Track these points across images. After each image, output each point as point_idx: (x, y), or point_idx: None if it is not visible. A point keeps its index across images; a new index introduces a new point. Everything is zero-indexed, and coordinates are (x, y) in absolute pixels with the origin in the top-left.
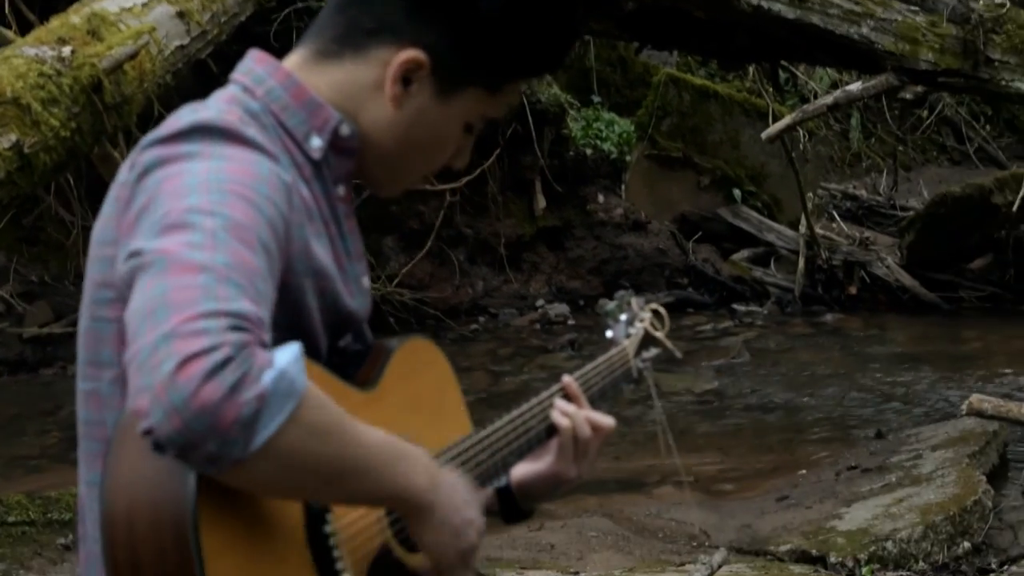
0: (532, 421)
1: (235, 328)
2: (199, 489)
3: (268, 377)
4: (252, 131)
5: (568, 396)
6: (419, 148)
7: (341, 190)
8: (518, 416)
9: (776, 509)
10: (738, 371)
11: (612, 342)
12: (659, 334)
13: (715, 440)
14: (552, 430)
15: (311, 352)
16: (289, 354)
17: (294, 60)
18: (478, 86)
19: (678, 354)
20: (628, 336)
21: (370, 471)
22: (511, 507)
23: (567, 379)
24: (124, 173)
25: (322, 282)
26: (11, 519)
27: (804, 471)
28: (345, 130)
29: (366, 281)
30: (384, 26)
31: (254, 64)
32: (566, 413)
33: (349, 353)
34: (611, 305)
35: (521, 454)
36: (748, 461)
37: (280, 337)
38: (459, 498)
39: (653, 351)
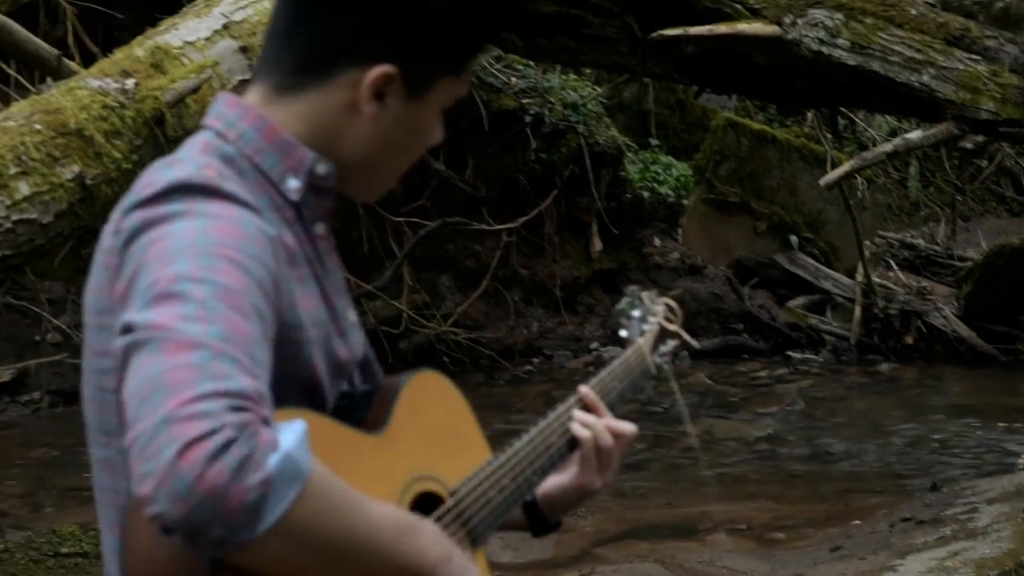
0: (552, 437)
1: (235, 408)
2: (214, 563)
3: (273, 461)
4: (232, 185)
5: (587, 407)
6: (401, 149)
7: (320, 228)
8: (538, 434)
9: (829, 559)
10: (792, 419)
11: (627, 341)
12: (674, 326)
13: (768, 488)
14: (574, 443)
15: (316, 402)
16: (294, 434)
17: (254, 98)
18: (447, 75)
19: (695, 344)
20: (643, 333)
21: (377, 550)
22: (538, 520)
23: (583, 389)
24: (108, 239)
25: (312, 331)
26: (64, 550)
27: (858, 521)
28: (321, 169)
29: (352, 315)
30: (342, 49)
31: (225, 108)
32: (586, 424)
33: (358, 395)
34: (622, 303)
35: (544, 472)
36: (801, 510)
37: (284, 392)
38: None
39: (670, 344)
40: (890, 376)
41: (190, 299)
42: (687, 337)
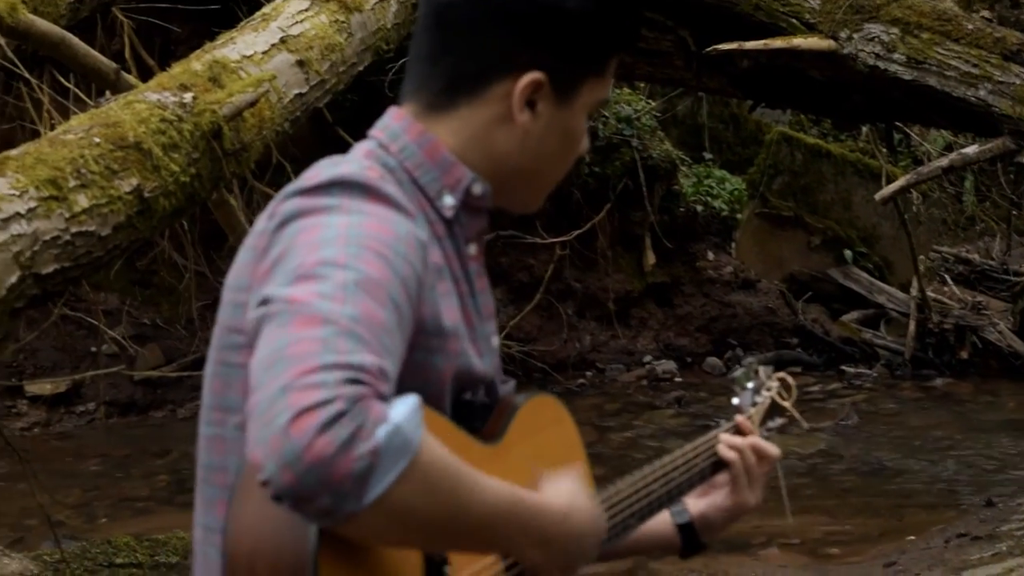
0: (698, 459)
1: (351, 381)
2: (321, 537)
3: (382, 432)
4: (391, 188)
5: (737, 430)
6: (556, 156)
7: (472, 249)
8: (682, 455)
9: (883, 575)
10: (846, 434)
11: (739, 409)
12: (786, 403)
13: (822, 503)
14: (717, 466)
15: (435, 409)
16: (406, 407)
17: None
18: (590, 76)
19: (804, 424)
20: (755, 404)
21: (486, 527)
22: (692, 541)
23: (739, 418)
24: (263, 222)
25: (452, 342)
26: (119, 560)
27: (913, 537)
28: (477, 189)
29: (495, 340)
30: (489, 64)
31: (391, 120)
32: (734, 446)
33: (476, 406)
34: (738, 373)
35: (683, 491)
36: (855, 525)
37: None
38: (574, 547)
39: (779, 421)
40: (944, 391)
41: (330, 280)
42: (797, 415)
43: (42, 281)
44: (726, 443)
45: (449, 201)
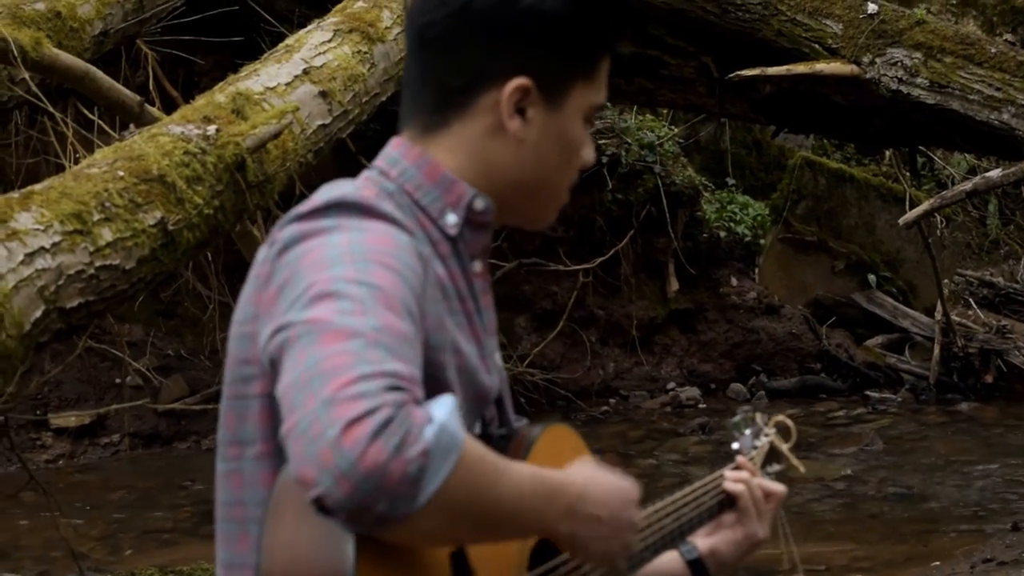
0: (704, 497)
1: (392, 388)
2: (357, 554)
3: (430, 432)
4: (388, 206)
5: (738, 468)
6: (555, 164)
7: (477, 266)
8: (690, 492)
9: None
10: (871, 459)
11: (738, 453)
12: (784, 448)
13: (847, 528)
14: (724, 504)
15: None
16: (446, 407)
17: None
18: (579, 79)
19: (802, 468)
20: (754, 448)
21: (522, 513)
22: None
23: (740, 459)
24: (264, 251)
25: (458, 358)
26: None
27: (938, 563)
28: (479, 204)
29: (498, 357)
30: (474, 76)
31: (390, 149)
32: (740, 479)
33: (494, 437)
34: (736, 419)
35: (692, 527)
36: (880, 551)
37: None
38: (605, 512)
39: (777, 466)
40: (970, 415)
41: (347, 297)
42: (795, 461)
43: (66, 315)
44: (732, 478)
45: (452, 219)
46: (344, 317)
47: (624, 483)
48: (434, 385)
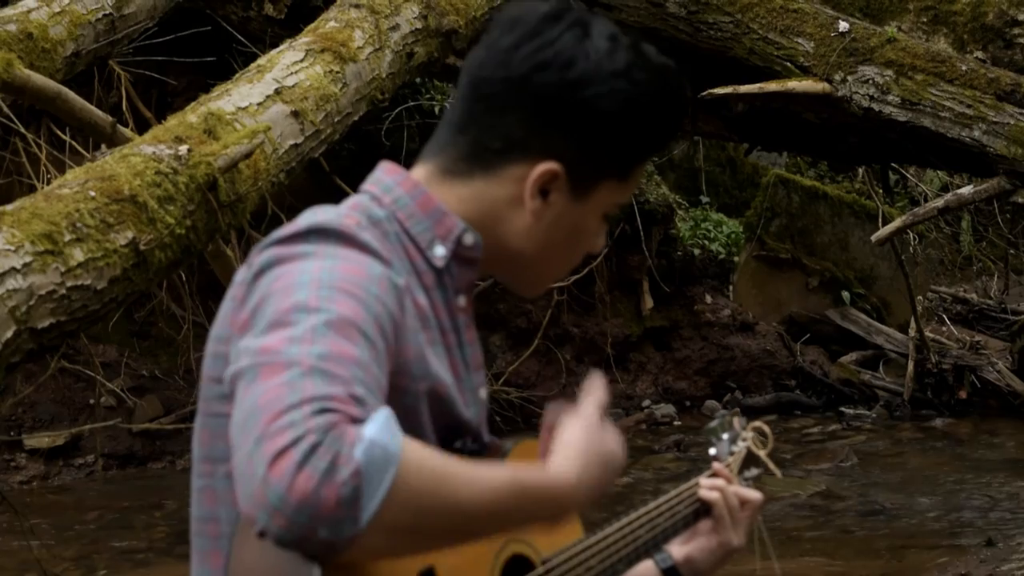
0: (680, 506)
1: (320, 412)
2: (321, 572)
3: (359, 450)
4: (367, 235)
5: (715, 475)
6: (562, 248)
7: (462, 300)
8: (665, 501)
9: None
10: (846, 475)
11: (716, 459)
12: (761, 453)
13: (821, 545)
14: (699, 512)
15: None
16: (377, 422)
17: (419, 175)
18: (611, 178)
19: (778, 473)
20: (731, 454)
21: (493, 514)
22: None
23: (716, 465)
24: (242, 272)
25: (437, 387)
26: None
27: None
28: (469, 239)
29: (483, 392)
30: (512, 144)
31: (383, 174)
32: (714, 487)
33: (466, 453)
34: (713, 424)
35: (668, 536)
36: (855, 567)
37: None
38: (601, 472)
39: (755, 471)
40: (944, 431)
41: (300, 324)
42: (772, 466)
43: (38, 335)
44: (707, 485)
45: (440, 251)
46: (290, 346)
47: (615, 445)
48: (410, 414)
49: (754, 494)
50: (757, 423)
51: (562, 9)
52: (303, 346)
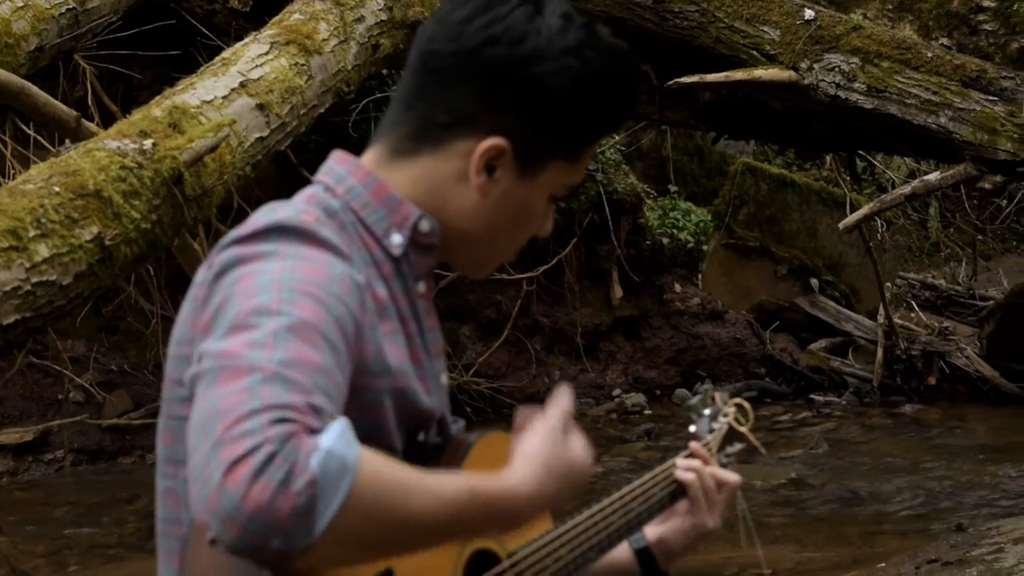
0: (655, 488)
1: (278, 421)
2: None
3: (315, 461)
4: (327, 232)
5: (693, 457)
6: (508, 228)
7: (421, 287)
8: (640, 485)
9: None
10: (816, 462)
11: (696, 436)
12: (743, 429)
13: (793, 532)
14: (676, 494)
15: (387, 450)
16: (333, 431)
17: (370, 159)
18: (559, 158)
19: (762, 449)
20: (711, 431)
21: (447, 523)
22: (651, 568)
23: (693, 444)
24: (202, 273)
25: (398, 381)
26: None
27: (883, 564)
28: (425, 226)
29: (444, 378)
30: (459, 118)
31: (335, 164)
32: (690, 468)
33: (428, 447)
34: (694, 400)
35: (644, 519)
36: (826, 553)
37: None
38: (568, 488)
39: (737, 446)
40: (913, 417)
41: (261, 328)
42: (755, 441)
43: (4, 332)
44: (683, 466)
45: (397, 239)
46: (252, 350)
47: (580, 457)
48: (370, 410)
49: (731, 476)
50: (738, 399)
51: None
52: (264, 351)
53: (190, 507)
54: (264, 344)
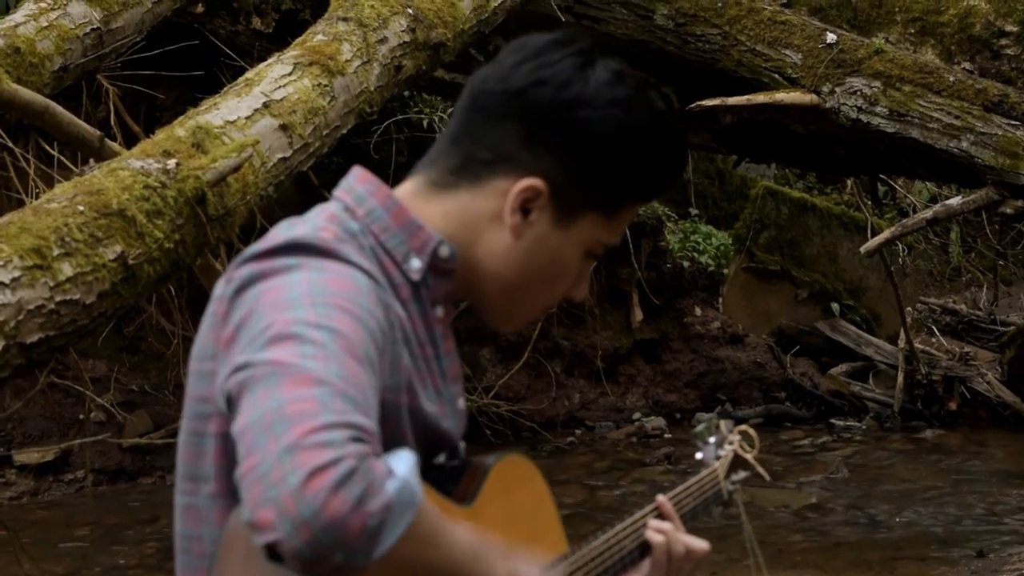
0: (626, 541)
1: (356, 440)
2: None
3: (392, 487)
4: (347, 248)
5: (662, 516)
6: (539, 277)
7: (439, 311)
8: (612, 536)
9: None
10: (836, 487)
11: (702, 463)
12: (748, 456)
13: (813, 557)
14: (645, 549)
15: None
16: (407, 463)
17: (408, 188)
18: (596, 211)
19: (767, 476)
20: (718, 458)
21: (461, 571)
22: None
23: (661, 498)
24: (220, 288)
25: (413, 400)
26: None
27: None
28: (444, 251)
29: (462, 403)
30: (500, 157)
31: (356, 183)
32: (660, 530)
33: (447, 469)
34: (700, 427)
35: (615, 574)
36: None
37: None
38: None
39: (743, 474)
40: (934, 442)
41: (309, 341)
42: (760, 469)
43: (27, 350)
44: (654, 527)
45: (416, 264)
46: (307, 361)
47: None
48: (390, 427)
49: (700, 544)
50: (743, 426)
51: (572, 38)
52: (318, 363)
53: (225, 513)
54: (316, 356)
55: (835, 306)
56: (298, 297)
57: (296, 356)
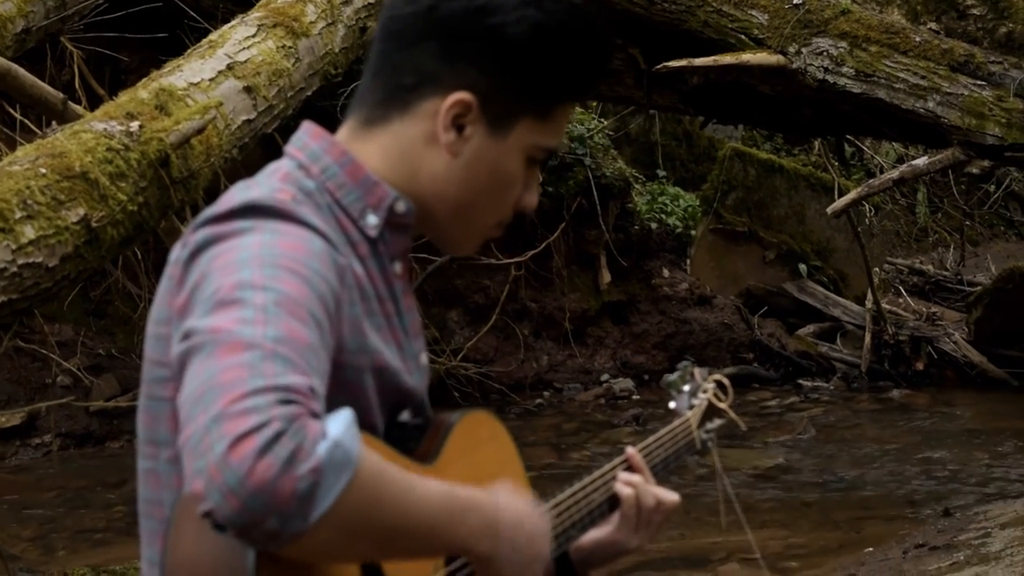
0: (595, 494)
1: (284, 402)
2: (258, 566)
3: (322, 448)
4: (304, 210)
5: (632, 468)
6: (485, 191)
7: (398, 267)
8: (580, 489)
9: None
10: (804, 447)
11: (675, 413)
12: (723, 405)
13: (780, 516)
14: (615, 502)
15: (368, 429)
16: (341, 422)
17: (344, 133)
18: (529, 115)
19: (742, 425)
20: (691, 407)
21: (430, 530)
22: (567, 573)
23: (630, 451)
24: (177, 251)
25: (377, 360)
26: None
27: (871, 549)
28: (401, 207)
29: (424, 358)
30: (424, 78)
31: (309, 139)
32: (630, 483)
33: (409, 427)
34: (674, 376)
35: (583, 528)
36: (814, 538)
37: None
38: (522, 538)
39: (717, 422)
40: (901, 402)
41: (249, 304)
42: (735, 416)
43: None
44: (623, 480)
45: (372, 220)
46: (244, 327)
47: (537, 514)
48: (350, 388)
49: (670, 496)
50: (717, 375)
51: None
52: (256, 327)
53: (183, 479)
54: (255, 320)
55: (802, 267)
56: (247, 259)
57: (234, 322)
